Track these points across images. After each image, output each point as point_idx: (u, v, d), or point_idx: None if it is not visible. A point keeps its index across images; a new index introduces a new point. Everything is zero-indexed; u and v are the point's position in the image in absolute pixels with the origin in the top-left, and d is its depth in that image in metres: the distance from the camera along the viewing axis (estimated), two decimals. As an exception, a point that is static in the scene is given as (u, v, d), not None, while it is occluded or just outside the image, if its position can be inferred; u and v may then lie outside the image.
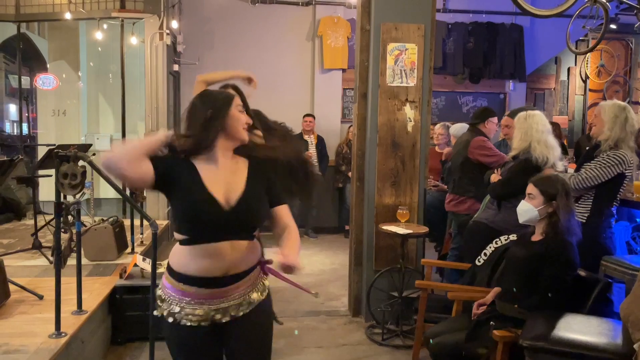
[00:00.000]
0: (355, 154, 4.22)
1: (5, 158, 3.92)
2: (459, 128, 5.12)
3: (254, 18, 7.27)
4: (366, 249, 4.12)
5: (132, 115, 6.89)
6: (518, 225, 2.80)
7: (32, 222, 5.49)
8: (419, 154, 4.04)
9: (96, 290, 3.53)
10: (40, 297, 3.31)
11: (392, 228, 3.71)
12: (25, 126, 12.52)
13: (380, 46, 3.94)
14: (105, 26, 6.48)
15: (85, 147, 5.28)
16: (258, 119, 1.97)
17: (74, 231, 2.94)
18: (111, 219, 4.32)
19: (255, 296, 1.87)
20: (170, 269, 1.81)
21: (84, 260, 4.16)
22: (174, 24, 6.41)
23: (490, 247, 3.07)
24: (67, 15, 5.99)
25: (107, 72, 7.91)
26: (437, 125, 5.84)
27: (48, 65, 8.40)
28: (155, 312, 1.84)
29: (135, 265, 3.73)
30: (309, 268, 5.59)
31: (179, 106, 7.28)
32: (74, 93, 8.18)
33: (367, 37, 4.06)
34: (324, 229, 7.19)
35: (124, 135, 6.14)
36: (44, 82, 7.71)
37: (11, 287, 3.33)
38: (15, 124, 13.04)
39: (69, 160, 2.65)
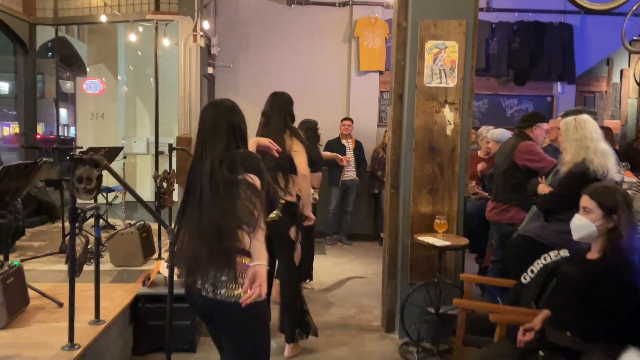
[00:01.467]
0: (389, 158, 3.97)
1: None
2: (499, 133, 4.81)
3: (289, 19, 7.12)
4: (401, 260, 3.87)
5: (167, 118, 6.84)
6: (568, 240, 2.50)
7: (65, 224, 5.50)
8: (459, 160, 3.76)
9: (117, 299, 3.40)
10: (60, 305, 3.21)
11: (429, 239, 3.45)
12: (67, 129, 12.78)
13: (417, 44, 3.69)
14: (141, 29, 6.46)
15: (116, 151, 5.22)
16: None
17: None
18: (138, 224, 4.21)
19: None
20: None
21: (109, 266, 4.09)
22: (208, 26, 6.32)
23: (538, 264, 2.77)
24: (103, 18, 5.97)
25: (145, 75, 7.93)
26: (481, 129, 5.52)
27: (88, 69, 8.51)
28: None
29: (159, 272, 3.59)
30: (342, 278, 5.37)
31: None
32: (113, 96, 8.23)
33: (403, 34, 3.81)
34: (358, 236, 6.94)
35: (157, 138, 6.07)
36: (91, 86, 7.79)
37: (32, 292, 3.25)
38: (64, 127, 13.37)
39: (85, 163, 2.51)
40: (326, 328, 4.00)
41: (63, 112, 13.27)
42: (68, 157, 2.52)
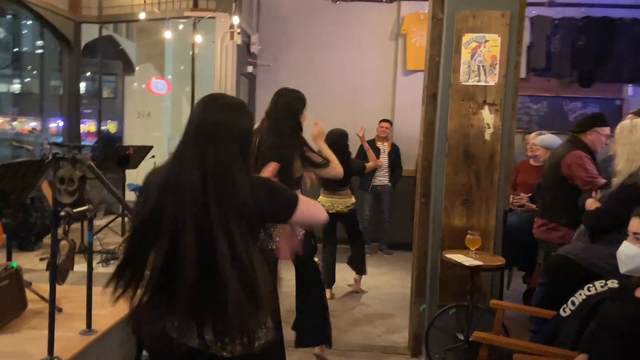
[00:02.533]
0: (420, 165, 3.60)
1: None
2: (549, 139, 4.31)
3: (334, 17, 6.82)
4: (429, 278, 3.48)
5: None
6: (616, 266, 2.06)
7: (100, 222, 5.46)
8: (499, 168, 3.33)
9: (121, 306, 3.22)
10: (59, 311, 3.06)
11: (458, 257, 3.05)
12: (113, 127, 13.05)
13: (454, 38, 3.30)
14: (181, 26, 6.37)
15: (146, 150, 5.12)
16: None
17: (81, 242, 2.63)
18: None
19: None
20: None
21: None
22: (247, 23, 6.13)
23: (580, 295, 2.33)
24: (142, 16, 5.91)
25: (189, 73, 7.88)
26: (532, 134, 5.01)
27: (137, 68, 8.58)
28: None
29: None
30: (375, 291, 5.01)
31: (253, 110, 7.01)
32: (159, 95, 8.24)
33: (439, 27, 3.43)
34: (399, 245, 6.53)
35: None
36: (157, 86, 7.83)
37: (34, 296, 3.13)
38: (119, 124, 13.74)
39: (68, 162, 2.33)
40: (347, 348, 3.67)
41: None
42: (52, 156, 2.33)
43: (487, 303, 3.28)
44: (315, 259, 3.33)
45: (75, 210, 2.45)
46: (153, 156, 5.17)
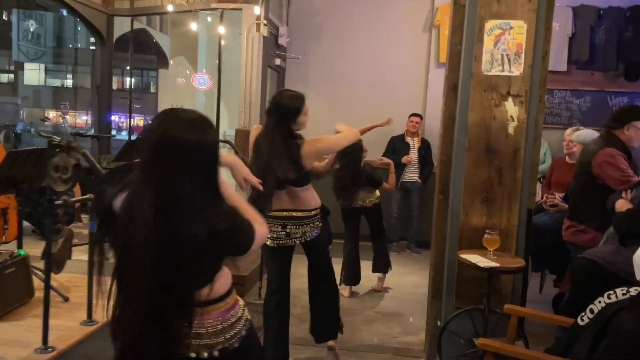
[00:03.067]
0: (439, 160, 3.42)
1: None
2: (586, 135, 4.03)
3: (366, 8, 6.65)
4: (447, 279, 3.30)
5: (234, 110, 6.70)
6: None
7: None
8: (522, 164, 3.11)
9: (128, 297, 3.20)
10: (66, 299, 3.06)
11: (473, 258, 2.87)
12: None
13: (476, 24, 3.10)
14: (209, 19, 6.36)
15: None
16: None
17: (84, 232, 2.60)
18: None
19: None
20: None
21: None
22: (277, 15, 6.05)
23: (600, 302, 2.12)
24: (170, 8, 5.92)
25: (223, 67, 7.89)
26: (569, 130, 4.72)
27: (171, 61, 8.66)
28: None
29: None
30: (398, 290, 4.85)
31: (282, 103, 6.93)
32: (192, 88, 8.30)
33: (460, 13, 3.24)
34: (429, 244, 6.31)
35: (218, 131, 5.92)
36: (200, 81, 7.91)
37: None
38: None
39: (64, 151, 2.29)
40: (359, 348, 3.54)
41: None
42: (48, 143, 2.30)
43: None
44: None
45: (73, 199, 2.41)
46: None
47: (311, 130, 3.19)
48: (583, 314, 2.19)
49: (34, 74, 23.91)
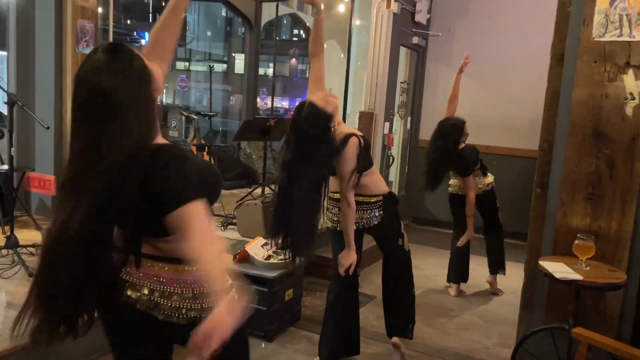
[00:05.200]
0: (539, 147, 2.85)
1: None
2: None
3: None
4: (539, 288, 2.77)
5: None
6: None
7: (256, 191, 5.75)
8: (642, 154, 2.44)
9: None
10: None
11: (554, 266, 2.34)
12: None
13: (587, -22, 2.50)
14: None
15: (282, 122, 5.16)
16: None
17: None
18: (266, 198, 4.08)
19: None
20: None
21: (235, 235, 4.08)
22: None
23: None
24: (305, -10, 5.95)
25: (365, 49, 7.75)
26: None
27: (324, 45, 8.78)
28: None
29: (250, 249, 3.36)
30: (514, 295, 4.24)
31: (421, 86, 6.56)
32: (341, 72, 8.30)
33: (571, -34, 2.64)
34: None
35: (345, 113, 5.82)
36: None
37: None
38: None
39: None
40: (438, 354, 3.18)
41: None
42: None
43: (603, 328, 2.47)
44: (400, 243, 2.93)
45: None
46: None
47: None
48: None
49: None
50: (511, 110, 6.10)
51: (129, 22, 18.92)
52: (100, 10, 4.23)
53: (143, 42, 15.02)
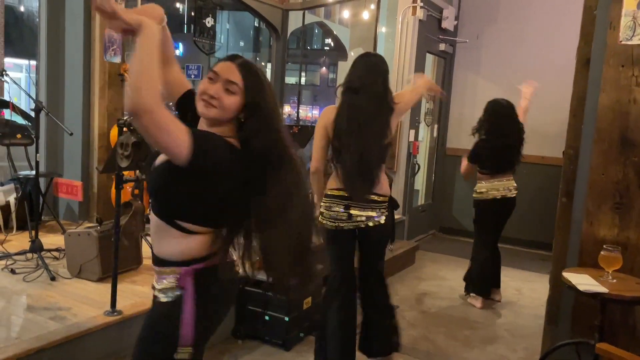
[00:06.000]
0: (565, 153, 2.76)
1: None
2: None
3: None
4: (564, 301, 2.67)
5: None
6: None
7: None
8: (673, 162, 2.33)
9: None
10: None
11: (578, 278, 2.25)
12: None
13: (614, -21, 2.41)
14: (372, 6, 6.22)
15: (308, 130, 5.15)
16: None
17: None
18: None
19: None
20: None
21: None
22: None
23: None
24: (331, -2, 5.96)
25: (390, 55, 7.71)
26: None
27: (351, 53, 8.77)
28: None
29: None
30: (528, 300, 4.14)
31: (449, 93, 6.46)
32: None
33: (597, -32, 2.55)
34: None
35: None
36: None
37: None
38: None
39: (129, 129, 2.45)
40: (455, 357, 3.09)
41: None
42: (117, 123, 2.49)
43: (628, 344, 2.35)
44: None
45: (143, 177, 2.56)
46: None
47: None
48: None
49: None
50: (540, 117, 5.95)
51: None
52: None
53: (177, 52, 15.28)
